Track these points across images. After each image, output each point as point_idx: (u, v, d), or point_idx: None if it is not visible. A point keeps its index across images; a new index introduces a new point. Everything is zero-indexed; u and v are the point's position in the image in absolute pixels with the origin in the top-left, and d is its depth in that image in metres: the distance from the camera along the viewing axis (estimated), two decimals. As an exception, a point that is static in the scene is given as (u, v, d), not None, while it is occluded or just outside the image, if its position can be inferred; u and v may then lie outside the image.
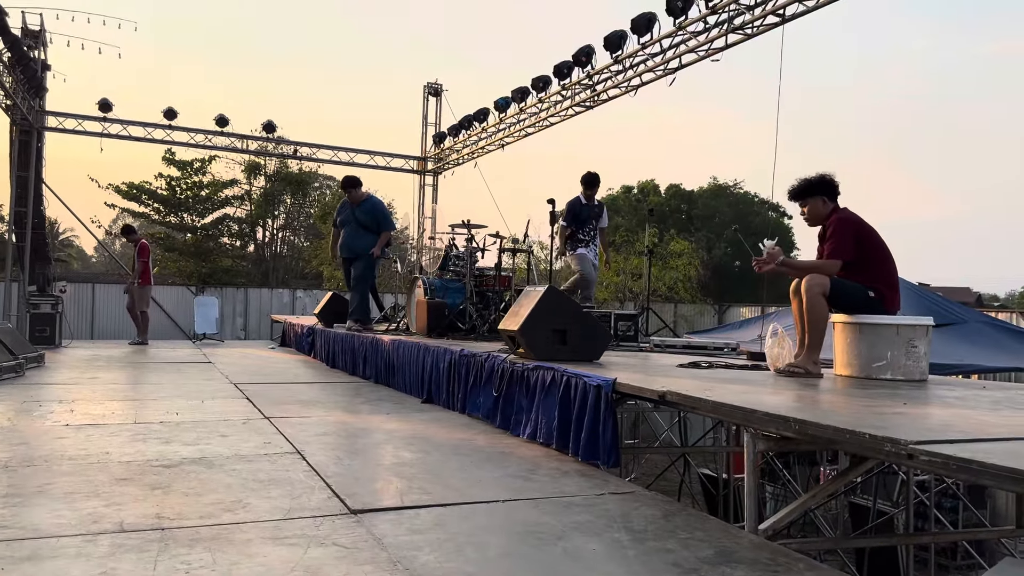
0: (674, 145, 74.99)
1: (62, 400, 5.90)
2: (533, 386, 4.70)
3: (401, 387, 7.10)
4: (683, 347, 6.79)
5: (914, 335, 4.68)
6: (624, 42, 9.36)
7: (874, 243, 4.82)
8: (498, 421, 5.06)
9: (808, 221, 5.07)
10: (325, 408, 5.90)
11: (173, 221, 28.64)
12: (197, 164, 28.42)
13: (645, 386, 3.75)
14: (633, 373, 4.39)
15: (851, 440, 2.64)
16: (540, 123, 12.14)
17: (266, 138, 15.07)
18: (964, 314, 9.41)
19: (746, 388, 3.81)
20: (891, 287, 4.78)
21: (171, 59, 71.61)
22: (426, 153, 16.11)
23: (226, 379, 7.67)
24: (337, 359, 9.33)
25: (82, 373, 7.89)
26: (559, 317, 5.14)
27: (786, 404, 3.28)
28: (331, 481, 3.52)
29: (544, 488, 3.51)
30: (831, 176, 4.85)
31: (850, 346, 4.76)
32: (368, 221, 9.13)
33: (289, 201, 32.57)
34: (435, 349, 6.36)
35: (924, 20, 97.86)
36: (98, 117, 13.38)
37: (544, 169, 66.87)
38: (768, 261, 4.97)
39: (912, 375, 4.64)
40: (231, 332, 17.97)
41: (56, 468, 3.70)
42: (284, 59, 76.89)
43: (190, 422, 5.08)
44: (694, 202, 34.11)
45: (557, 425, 4.33)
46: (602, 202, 9.36)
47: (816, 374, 4.66)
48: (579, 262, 8.81)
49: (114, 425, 4.90)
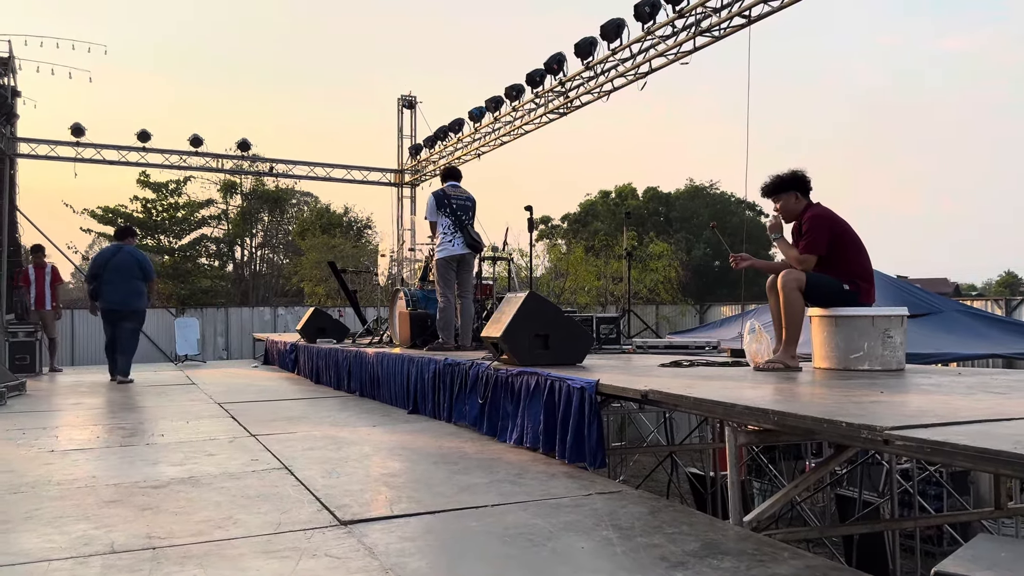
0: (650, 148, 75.42)
1: (46, 427, 5.86)
2: (518, 392, 4.74)
3: (387, 399, 7.11)
4: (665, 347, 6.86)
5: (889, 325, 4.77)
6: (595, 48, 9.46)
7: (848, 237, 4.91)
8: (485, 428, 5.10)
9: (783, 218, 5.16)
10: (311, 423, 5.90)
11: (150, 243, 28.48)
12: (172, 185, 28.37)
13: (628, 386, 3.80)
14: (616, 374, 4.45)
15: (829, 429, 2.70)
16: (515, 131, 12.22)
17: (241, 156, 15.05)
18: (941, 304, 9.56)
19: (727, 384, 3.88)
20: (866, 280, 4.87)
21: (142, 80, 71.18)
22: (403, 166, 16.15)
23: (210, 399, 7.65)
24: (322, 374, 9.33)
25: (65, 400, 7.84)
26: (541, 322, 5.19)
27: (765, 397, 3.34)
28: (320, 494, 3.54)
29: (532, 491, 3.55)
30: (803, 172, 4.94)
31: (827, 339, 4.84)
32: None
33: (267, 219, 32.48)
34: (419, 360, 6.38)
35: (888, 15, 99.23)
36: (71, 142, 13.31)
37: (521, 176, 67.02)
38: (745, 258, 5.07)
39: (889, 365, 4.73)
40: (213, 352, 17.88)
41: (44, 493, 3.69)
42: (255, 76, 76.67)
43: (176, 443, 5.08)
44: (672, 204, 34.39)
45: (543, 429, 4.37)
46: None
47: (795, 368, 4.73)
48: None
49: (100, 449, 4.88)
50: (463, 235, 7.45)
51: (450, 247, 7.48)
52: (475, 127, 12.76)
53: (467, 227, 7.50)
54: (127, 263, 9.41)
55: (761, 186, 5.08)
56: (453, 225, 7.46)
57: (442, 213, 7.50)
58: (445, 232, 7.51)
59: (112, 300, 9.46)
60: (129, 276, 9.41)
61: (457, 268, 7.55)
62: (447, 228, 7.49)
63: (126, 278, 9.39)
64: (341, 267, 12.13)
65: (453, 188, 7.66)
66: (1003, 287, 75.70)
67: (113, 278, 9.39)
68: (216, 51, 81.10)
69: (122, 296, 9.42)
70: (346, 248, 25.31)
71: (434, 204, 7.53)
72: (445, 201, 7.48)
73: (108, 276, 9.39)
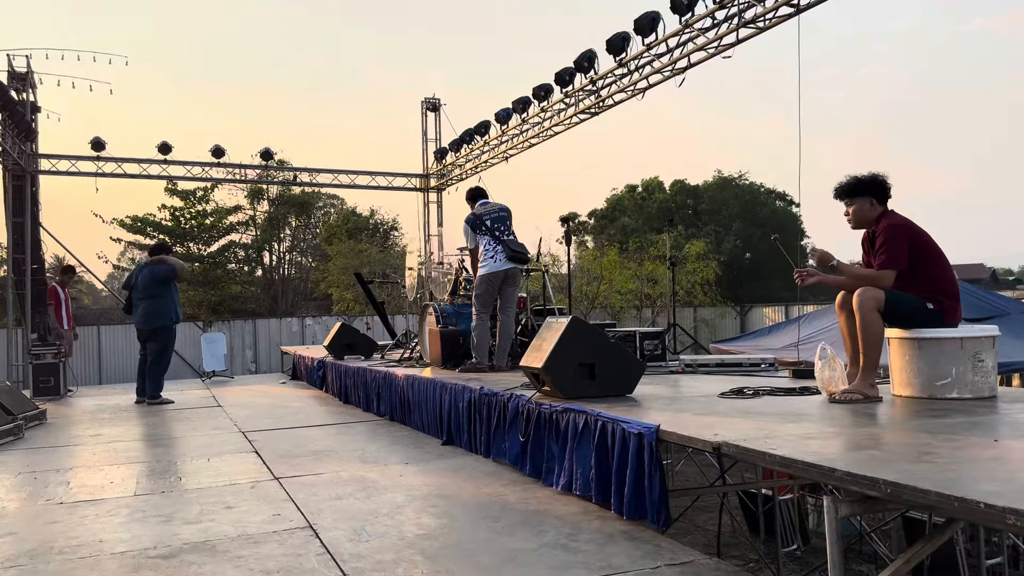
0: (675, 141, 74.44)
1: (60, 469, 5.51)
2: (564, 431, 4.28)
3: (419, 426, 6.69)
4: (716, 366, 6.35)
5: (980, 348, 4.25)
6: (628, 44, 8.95)
7: (929, 249, 4.39)
8: (528, 468, 4.64)
9: (851, 223, 4.65)
10: (339, 460, 5.48)
11: (179, 251, 28.36)
12: (200, 193, 28.21)
13: (694, 435, 3.32)
14: (675, 414, 3.97)
15: (960, 509, 2.22)
16: (544, 133, 11.74)
17: (265, 166, 14.72)
18: (1005, 305, 8.92)
19: (808, 429, 3.38)
20: (951, 296, 4.35)
21: (164, 90, 71.63)
22: (428, 170, 15.74)
23: (235, 426, 7.29)
24: (350, 394, 8.94)
25: (85, 430, 7.52)
26: (586, 349, 4.72)
27: (861, 450, 2.85)
28: (347, 567, 3.12)
29: (589, 560, 3.09)
30: (884, 177, 4.43)
31: (909, 364, 4.33)
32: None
33: (294, 223, 32.28)
34: (452, 386, 5.94)
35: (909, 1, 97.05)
36: (92, 157, 13.05)
37: (549, 178, 66.47)
38: (812, 274, 4.55)
39: (981, 392, 4.21)
40: (241, 366, 17.61)
41: (43, 568, 3.30)
42: (276, 80, 76.83)
43: (194, 490, 4.69)
44: (700, 196, 33.61)
45: (595, 476, 3.90)
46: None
47: (875, 398, 4.22)
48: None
49: (111, 500, 4.50)
50: (504, 248, 7.04)
51: (492, 263, 7.06)
52: (502, 129, 12.29)
53: (506, 240, 7.07)
54: (146, 282, 9.24)
55: (836, 186, 4.58)
56: (494, 241, 7.06)
57: (479, 234, 7.11)
58: (486, 249, 7.12)
59: (136, 320, 9.47)
60: (149, 295, 9.23)
61: (501, 284, 7.13)
62: (488, 245, 7.10)
63: (147, 297, 9.26)
64: (368, 278, 11.75)
65: (483, 206, 7.24)
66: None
67: (137, 297, 9.34)
68: (236, 57, 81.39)
69: (143, 316, 9.30)
70: (372, 253, 24.98)
71: (470, 230, 7.20)
72: (478, 222, 7.10)
73: (135, 295, 9.36)
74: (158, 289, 9.24)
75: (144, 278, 9.27)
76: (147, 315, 9.25)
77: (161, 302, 9.25)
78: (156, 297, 9.21)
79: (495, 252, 7.09)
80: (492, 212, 7.15)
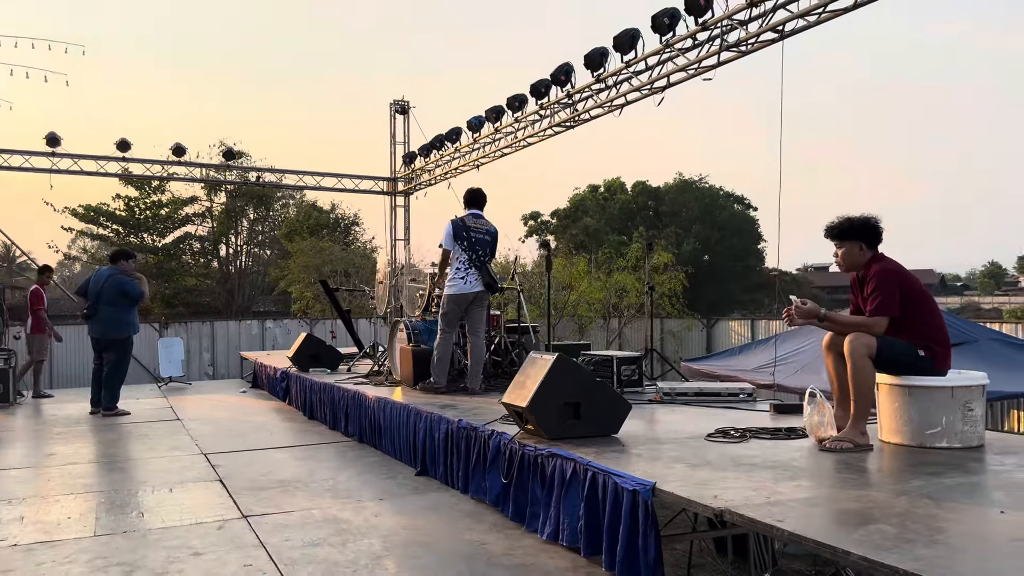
0: (638, 144, 74.87)
1: (11, 500, 5.21)
2: (550, 476, 4.14)
3: (390, 452, 6.50)
4: (695, 395, 6.28)
5: (970, 397, 4.22)
6: (606, 60, 8.82)
7: (920, 294, 4.35)
8: (510, 511, 4.50)
9: (840, 265, 4.61)
10: (309, 494, 5.25)
11: (133, 242, 27.63)
12: (155, 183, 27.47)
13: (694, 497, 3.21)
14: (667, 465, 3.85)
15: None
16: (516, 143, 11.57)
17: (227, 166, 14.31)
18: (973, 332, 9.01)
19: (808, 491, 3.29)
20: (942, 344, 4.32)
21: (124, 81, 69.82)
22: (396, 173, 15.46)
23: (196, 446, 7.02)
24: (316, 410, 8.70)
25: (37, 448, 7.18)
26: (571, 389, 4.59)
27: (872, 527, 2.76)
28: (331, 638, 2.94)
29: (585, 632, 2.96)
30: (876, 220, 4.38)
31: (899, 411, 4.29)
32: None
33: (252, 215, 31.63)
34: (428, 415, 5.77)
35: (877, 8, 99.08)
36: (46, 152, 12.53)
37: (512, 175, 66.27)
38: (803, 314, 4.48)
39: (970, 442, 4.19)
40: (198, 370, 17.13)
41: (-4, 634, 3.07)
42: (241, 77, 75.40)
43: (158, 529, 4.45)
44: (661, 198, 33.73)
45: (584, 528, 3.77)
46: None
47: (865, 446, 4.17)
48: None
49: (70, 541, 4.25)
50: (480, 274, 6.87)
51: (462, 284, 6.88)
52: (474, 137, 12.09)
53: (485, 266, 6.91)
54: (109, 291, 8.87)
55: (826, 226, 4.53)
56: (469, 261, 6.87)
57: (457, 243, 6.91)
58: (459, 267, 6.91)
59: (94, 330, 9.11)
60: (110, 304, 8.87)
61: (468, 306, 6.95)
62: (461, 263, 6.90)
63: (108, 306, 8.87)
64: (334, 285, 11.51)
65: (475, 219, 7.06)
66: (987, 278, 75.74)
67: (97, 306, 8.93)
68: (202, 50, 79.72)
69: (103, 326, 8.95)
70: (335, 251, 24.56)
71: (451, 232, 6.95)
72: (464, 233, 6.90)
73: (94, 303, 8.94)
74: (122, 300, 8.89)
75: (109, 289, 8.88)
76: (107, 325, 8.90)
77: (123, 313, 8.92)
78: (118, 307, 8.86)
79: (466, 274, 6.93)
80: (479, 232, 6.99)
